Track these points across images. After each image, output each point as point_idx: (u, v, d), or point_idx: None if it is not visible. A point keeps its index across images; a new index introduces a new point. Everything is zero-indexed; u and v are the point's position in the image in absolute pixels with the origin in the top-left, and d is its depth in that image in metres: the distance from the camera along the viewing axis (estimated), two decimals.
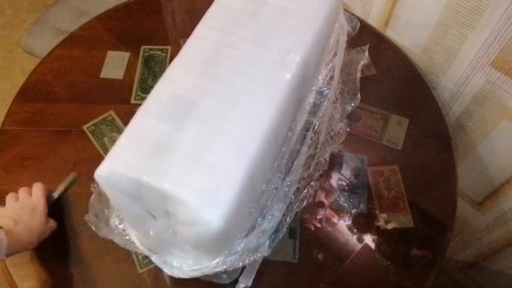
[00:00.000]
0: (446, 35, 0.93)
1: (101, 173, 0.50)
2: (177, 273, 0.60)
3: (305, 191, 0.64)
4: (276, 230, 0.60)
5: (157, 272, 0.74)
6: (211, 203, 0.48)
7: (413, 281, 0.75)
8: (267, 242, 0.58)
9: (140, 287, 0.74)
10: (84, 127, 0.90)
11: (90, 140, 0.88)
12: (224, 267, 0.55)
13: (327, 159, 0.68)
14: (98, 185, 0.63)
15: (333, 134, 0.72)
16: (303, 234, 0.79)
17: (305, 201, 0.63)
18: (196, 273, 0.57)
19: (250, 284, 0.72)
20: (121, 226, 0.64)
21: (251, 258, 0.57)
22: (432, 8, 0.92)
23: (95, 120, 0.91)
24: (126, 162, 0.50)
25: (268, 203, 0.61)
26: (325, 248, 0.78)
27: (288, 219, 0.61)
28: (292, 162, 0.64)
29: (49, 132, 0.90)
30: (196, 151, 0.51)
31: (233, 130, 0.53)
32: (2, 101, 1.63)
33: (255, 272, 0.73)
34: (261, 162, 0.54)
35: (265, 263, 0.74)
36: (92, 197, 0.64)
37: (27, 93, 0.97)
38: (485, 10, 0.82)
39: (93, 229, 0.64)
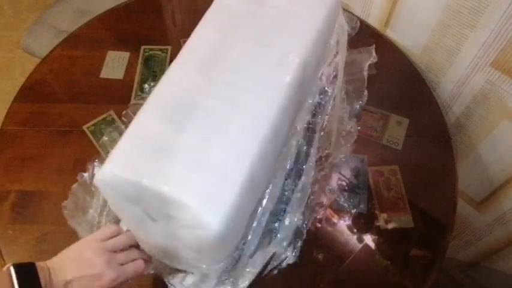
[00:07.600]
0: (446, 35, 0.93)
1: (102, 177, 0.49)
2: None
3: (322, 195, 0.62)
4: (296, 236, 0.59)
5: (157, 274, 0.74)
6: (213, 206, 0.48)
7: (413, 281, 0.75)
8: (290, 249, 0.58)
9: None
10: (84, 127, 0.90)
11: (90, 140, 0.88)
12: (246, 283, 0.55)
13: (343, 159, 0.67)
14: (84, 175, 0.62)
15: (344, 134, 0.71)
16: None
17: (323, 208, 0.62)
18: None
19: (250, 284, 0.72)
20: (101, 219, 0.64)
21: (276, 266, 0.56)
22: (432, 8, 0.92)
23: (95, 120, 0.91)
24: (127, 166, 0.49)
25: (284, 209, 0.60)
26: (325, 248, 0.78)
27: (305, 224, 0.60)
28: (303, 165, 0.63)
29: (49, 132, 0.90)
30: (197, 153, 0.50)
31: (234, 132, 0.52)
32: (2, 101, 1.62)
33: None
34: (262, 164, 0.53)
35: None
36: (74, 185, 0.63)
37: (27, 93, 0.96)
38: (485, 10, 0.82)
39: (65, 216, 0.63)
